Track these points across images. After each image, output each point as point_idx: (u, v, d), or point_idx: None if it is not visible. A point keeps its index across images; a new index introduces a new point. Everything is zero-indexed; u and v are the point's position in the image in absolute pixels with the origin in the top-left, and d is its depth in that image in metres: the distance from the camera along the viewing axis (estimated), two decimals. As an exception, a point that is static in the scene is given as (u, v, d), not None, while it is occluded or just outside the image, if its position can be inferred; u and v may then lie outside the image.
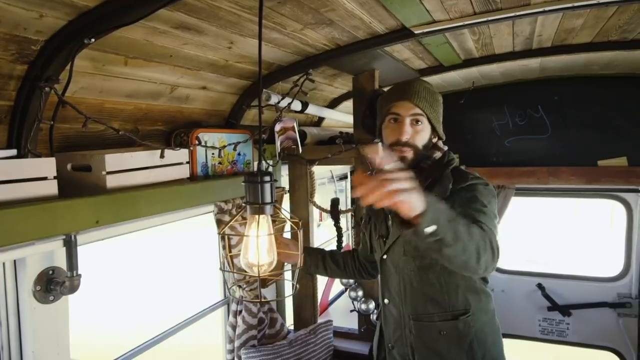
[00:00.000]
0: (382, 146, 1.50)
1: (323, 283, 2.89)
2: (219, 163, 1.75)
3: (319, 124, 2.81)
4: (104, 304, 7.69)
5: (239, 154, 1.85)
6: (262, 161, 1.08)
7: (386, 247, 1.52)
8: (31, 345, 1.20)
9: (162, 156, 1.43)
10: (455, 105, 2.97)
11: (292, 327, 2.43)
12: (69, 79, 1.08)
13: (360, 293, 2.40)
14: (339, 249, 2.37)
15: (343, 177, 3.53)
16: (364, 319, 2.42)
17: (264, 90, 1.78)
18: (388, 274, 1.54)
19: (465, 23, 1.55)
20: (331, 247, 2.09)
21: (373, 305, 2.36)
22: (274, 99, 1.82)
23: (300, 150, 1.91)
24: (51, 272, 1.24)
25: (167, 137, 1.66)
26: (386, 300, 1.56)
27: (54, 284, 1.23)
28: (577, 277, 3.48)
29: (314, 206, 2.37)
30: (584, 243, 11.31)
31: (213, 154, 1.70)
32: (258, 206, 0.95)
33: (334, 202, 2.38)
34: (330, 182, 3.21)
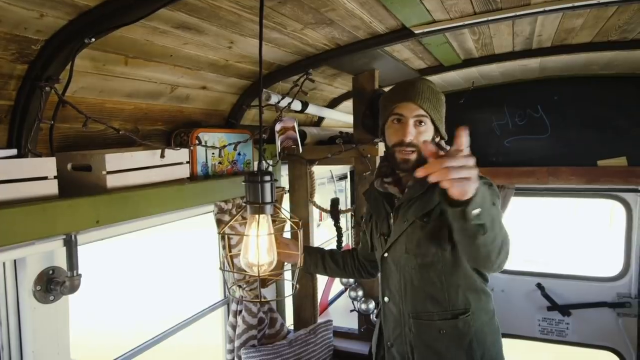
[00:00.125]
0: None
1: (323, 283, 2.89)
2: (219, 163, 1.75)
3: (319, 123, 2.81)
4: (104, 304, 7.68)
5: (239, 154, 1.85)
6: (262, 161, 1.08)
7: (387, 245, 1.52)
8: (31, 345, 1.20)
9: (162, 156, 1.43)
10: (455, 105, 2.97)
11: (292, 327, 2.43)
12: (69, 79, 1.08)
13: (360, 293, 2.40)
14: (338, 248, 2.37)
15: (343, 177, 3.53)
16: (363, 318, 2.42)
17: (264, 90, 1.78)
18: (389, 272, 1.54)
19: (465, 23, 1.55)
20: (331, 247, 2.09)
21: (373, 305, 2.36)
22: (274, 98, 1.82)
23: (301, 150, 1.91)
24: (51, 271, 1.24)
25: (167, 137, 1.66)
26: (386, 299, 1.56)
27: (54, 284, 1.23)
28: (577, 277, 3.48)
29: (313, 206, 2.37)
30: (584, 243, 11.31)
31: (213, 153, 1.71)
32: (258, 206, 0.95)
33: (334, 202, 2.38)
34: (330, 182, 3.21)
